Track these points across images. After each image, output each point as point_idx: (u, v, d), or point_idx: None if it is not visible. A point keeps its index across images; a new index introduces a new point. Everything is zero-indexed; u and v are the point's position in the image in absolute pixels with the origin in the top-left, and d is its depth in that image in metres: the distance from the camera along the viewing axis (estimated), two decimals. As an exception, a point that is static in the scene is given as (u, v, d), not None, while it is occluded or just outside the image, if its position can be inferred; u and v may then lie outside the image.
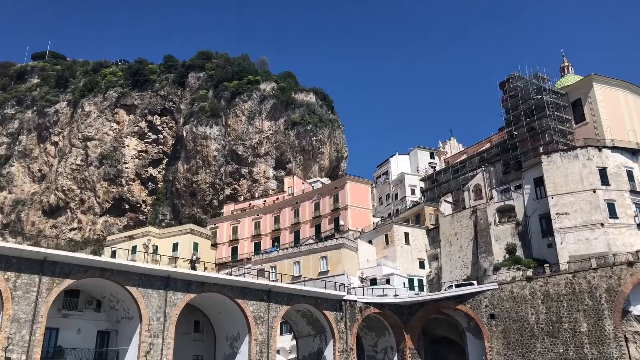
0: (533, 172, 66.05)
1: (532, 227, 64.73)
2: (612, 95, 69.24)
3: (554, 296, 53.75)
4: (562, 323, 52.48)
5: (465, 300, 57.81)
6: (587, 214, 59.90)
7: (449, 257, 70.83)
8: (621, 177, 62.10)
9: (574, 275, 53.63)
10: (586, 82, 69.97)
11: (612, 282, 51.75)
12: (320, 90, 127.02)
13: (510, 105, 73.31)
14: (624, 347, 49.60)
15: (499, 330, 55.48)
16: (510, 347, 54.35)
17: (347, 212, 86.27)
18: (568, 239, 59.37)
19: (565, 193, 61.53)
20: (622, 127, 66.84)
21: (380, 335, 61.76)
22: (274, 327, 50.58)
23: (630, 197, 61.16)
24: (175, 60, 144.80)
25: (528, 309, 54.64)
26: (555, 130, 68.12)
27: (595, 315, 51.25)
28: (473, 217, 69.82)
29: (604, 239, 58.17)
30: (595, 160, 62.39)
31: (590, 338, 50.72)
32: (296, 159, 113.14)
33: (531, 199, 65.77)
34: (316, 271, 71.13)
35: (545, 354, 52.27)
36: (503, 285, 57.02)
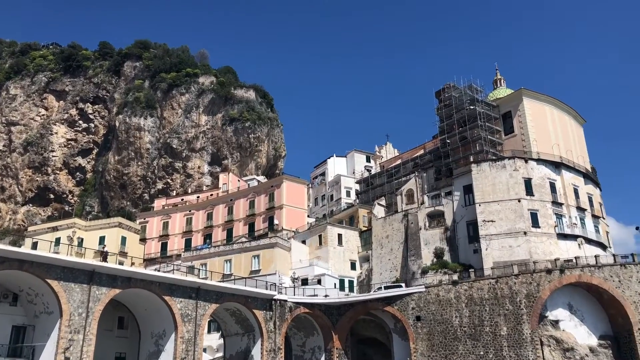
0: (463, 179, 68.27)
1: (460, 232, 66.90)
2: (540, 109, 72.61)
3: (478, 300, 55.70)
4: (483, 326, 54.46)
5: (394, 302, 58.93)
6: (512, 222, 62.54)
7: (380, 259, 72.06)
8: (544, 188, 65.27)
9: (497, 281, 55.81)
10: (516, 96, 73.03)
11: (532, 288, 54.23)
12: (261, 87, 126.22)
13: (445, 114, 75.48)
14: (539, 351, 52.10)
15: (424, 332, 56.89)
16: (434, 349, 55.85)
17: (282, 211, 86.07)
18: (493, 246, 61.76)
19: (492, 201, 64.01)
20: (547, 140, 70.21)
21: (309, 335, 61.94)
22: (201, 325, 49.66)
23: (552, 208, 64.39)
24: (111, 47, 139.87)
25: (453, 312, 56.34)
26: (485, 140, 70.69)
27: (515, 319, 53.52)
28: (404, 220, 71.37)
29: (526, 247, 60.94)
30: (521, 171, 65.26)
31: (509, 341, 52.92)
32: (233, 156, 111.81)
33: (460, 205, 67.95)
34: (248, 270, 70.51)
35: (466, 356, 54.07)
36: (430, 288, 58.53)
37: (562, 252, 61.26)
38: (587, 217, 67.72)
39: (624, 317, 53.76)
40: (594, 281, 54.31)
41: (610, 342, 54.73)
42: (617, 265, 55.70)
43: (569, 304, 55.60)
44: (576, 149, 73.97)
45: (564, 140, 72.35)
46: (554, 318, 54.79)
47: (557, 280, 54.25)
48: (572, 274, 54.63)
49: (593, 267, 55.04)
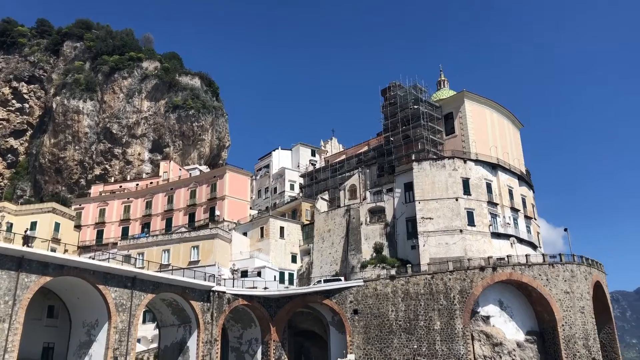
0: (404, 177, 69.67)
1: (399, 228, 68.30)
2: (480, 112, 74.95)
3: (414, 295, 57.07)
4: (418, 321, 55.88)
5: (332, 296, 59.55)
6: (449, 220, 64.38)
7: (321, 252, 72.57)
8: (481, 188, 67.51)
9: (433, 277, 57.36)
10: (458, 98, 75.07)
11: (465, 284, 56.06)
12: (207, 75, 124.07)
13: (390, 112, 76.69)
14: (470, 345, 53.99)
15: (360, 326, 57.79)
16: (369, 342, 56.86)
17: (224, 202, 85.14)
18: (430, 242, 63.42)
19: (431, 199, 65.66)
20: (486, 142, 72.59)
21: (246, 327, 61.73)
22: (136, 315, 48.56)
23: (487, 207, 66.70)
24: (49, 25, 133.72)
25: (389, 306, 57.50)
26: (427, 139, 72.34)
27: (448, 314, 55.21)
28: (346, 215, 72.15)
29: (462, 244, 62.90)
30: (460, 171, 67.22)
31: (442, 335, 54.56)
32: (175, 144, 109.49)
33: (401, 202, 69.33)
34: (186, 260, 69.44)
35: (400, 350, 55.37)
36: (368, 282, 59.48)
37: (496, 250, 63.63)
38: (520, 218, 70.56)
39: (550, 314, 56.49)
40: (523, 279, 56.71)
41: (536, 337, 57.43)
42: (545, 264, 58.35)
43: (500, 301, 57.85)
44: (513, 152, 76.86)
45: (501, 143, 74.99)
46: (485, 314, 56.88)
47: (489, 278, 56.30)
48: (504, 272, 56.82)
49: (523, 266, 57.45)
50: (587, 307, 58.31)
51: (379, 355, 56.05)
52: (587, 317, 57.74)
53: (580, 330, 56.46)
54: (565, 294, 57.15)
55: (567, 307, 56.69)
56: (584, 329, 56.74)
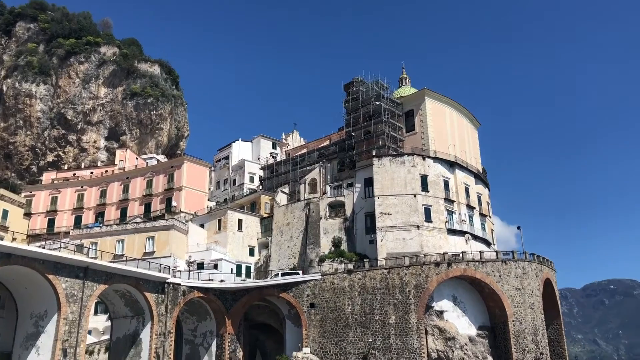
0: (365, 172, 70.05)
1: (358, 223, 68.69)
2: (440, 110, 76.01)
3: (370, 289, 57.50)
4: (374, 315, 56.36)
5: (289, 289, 59.44)
6: (407, 215, 65.13)
7: (279, 246, 72.33)
8: (439, 185, 68.53)
9: (389, 271, 57.92)
10: (419, 96, 75.91)
11: (421, 279, 56.83)
12: (166, 63, 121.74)
13: (352, 107, 76.95)
14: (423, 339, 54.80)
15: (317, 319, 57.89)
16: (325, 336, 57.04)
17: (181, 193, 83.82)
18: (388, 237, 64.01)
19: (390, 195, 66.25)
20: (444, 140, 73.70)
21: (201, 319, 61.01)
22: (87, 306, 47.26)
23: (444, 204, 67.78)
24: (1, 4, 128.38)
25: (346, 300, 57.79)
26: (388, 136, 72.92)
27: (403, 309, 55.87)
28: (306, 209, 72.09)
29: (419, 240, 63.76)
30: (419, 167, 68.04)
31: (397, 329, 55.20)
32: (132, 132, 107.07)
33: (360, 197, 69.72)
34: (141, 251, 68.09)
35: (356, 343, 55.75)
36: (326, 276, 59.61)
37: (451, 246, 64.75)
38: (476, 215, 72.00)
39: (501, 310, 57.87)
40: (477, 275, 57.90)
41: (487, 332, 58.75)
42: (498, 261, 59.70)
43: (454, 296, 58.91)
44: (470, 151, 78.30)
45: (459, 141, 76.28)
46: (439, 309, 57.82)
47: (444, 273, 57.24)
48: (458, 268, 57.87)
49: (477, 262, 58.63)
50: (537, 303, 60.00)
51: (334, 348, 56.31)
52: (536, 313, 59.43)
53: (530, 325, 58.08)
54: (517, 291, 58.65)
55: (518, 303, 58.20)
56: (533, 325, 58.38)
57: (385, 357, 54.44)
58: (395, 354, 54.25)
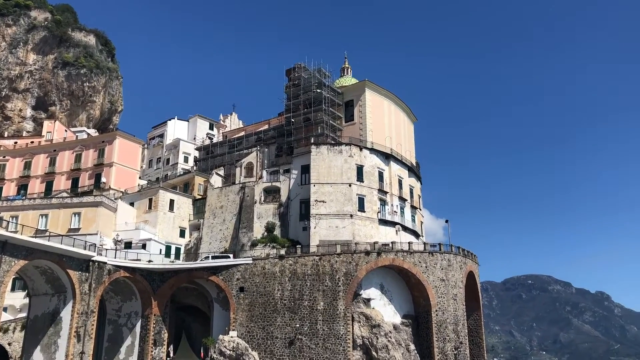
0: (302, 159, 70.21)
1: (293, 210, 68.88)
2: (379, 102, 77.09)
3: (301, 275, 57.92)
4: (303, 300, 56.86)
5: (219, 272, 58.98)
6: (341, 204, 65.92)
7: (211, 228, 71.46)
8: (374, 176, 69.70)
9: (321, 258, 58.52)
10: (360, 87, 76.63)
11: (351, 267, 57.78)
12: (102, 34, 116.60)
13: (292, 93, 76.69)
14: (350, 326, 55.88)
15: (245, 303, 57.81)
16: (253, 320, 57.08)
17: (111, 169, 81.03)
18: (321, 225, 64.60)
19: (326, 183, 66.79)
20: (382, 132, 74.89)
21: (126, 299, 59.57)
22: (4, 282, 45.12)
23: (377, 195, 69.06)
24: None
25: (276, 285, 57.96)
26: (327, 124, 73.29)
27: (332, 295, 56.67)
28: (241, 193, 71.50)
29: (351, 229, 64.72)
30: (355, 158, 68.90)
31: (324, 316, 55.97)
32: (62, 103, 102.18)
33: (296, 184, 69.86)
34: (66, 227, 65.48)
35: (283, 328, 56.13)
36: (257, 260, 59.52)
37: (382, 236, 66.15)
38: (407, 207, 73.82)
39: (426, 299, 59.82)
40: (405, 265, 59.49)
41: (411, 320, 60.65)
42: (426, 252, 61.57)
43: (381, 285, 60.33)
44: (405, 144, 79.97)
45: (396, 134, 77.73)
46: (366, 296, 59.06)
47: (373, 262, 58.42)
48: (387, 257, 59.23)
49: (406, 253, 60.22)
50: (459, 294, 62.38)
51: (262, 333, 56.48)
52: (458, 304, 61.81)
53: (452, 316, 60.38)
54: (441, 282, 60.74)
55: (441, 293, 60.31)
56: (455, 315, 60.72)
57: (311, 342, 55.14)
58: (322, 339, 55.05)
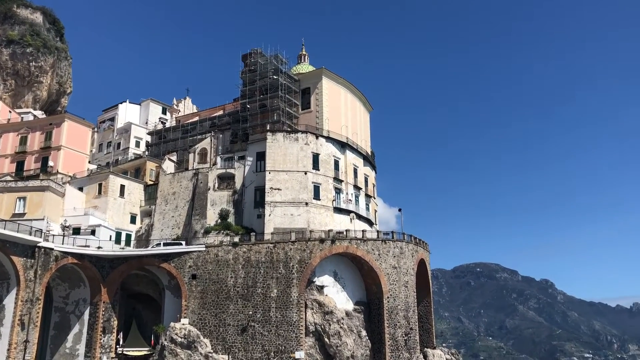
0: (257, 146, 69.72)
1: (247, 197, 68.43)
2: (336, 91, 77.17)
3: (254, 263, 57.77)
4: (256, 288, 56.78)
5: (171, 259, 58.18)
6: (297, 192, 65.91)
7: (163, 215, 70.25)
8: (329, 164, 69.93)
9: (275, 246, 58.48)
10: (317, 74, 76.44)
11: (305, 255, 57.98)
12: (51, 11, 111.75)
13: (248, 79, 75.81)
14: (302, 313, 56.20)
15: (197, 291, 57.27)
16: (205, 307, 56.64)
17: (59, 153, 78.22)
18: (276, 213, 64.46)
19: (281, 170, 66.60)
20: (338, 121, 75.07)
21: (74, 286, 58.08)
22: (-58, 269, 43.10)
23: (333, 184, 69.36)
24: None
25: (229, 272, 57.63)
26: (283, 111, 72.88)
27: (286, 282, 56.80)
28: (194, 179, 70.47)
29: (306, 217, 64.85)
30: (311, 146, 68.90)
31: (278, 303, 56.09)
32: (6, 83, 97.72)
33: (251, 171, 69.37)
34: (10, 212, 62.95)
35: (236, 315, 55.96)
36: (210, 248, 58.98)
37: (336, 224, 66.60)
38: (361, 196, 74.48)
39: (378, 286, 60.68)
40: (358, 253, 60.12)
41: (363, 307, 61.46)
42: (379, 240, 62.35)
43: (335, 272, 60.84)
44: (361, 133, 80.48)
45: (352, 123, 78.09)
46: (320, 284, 59.47)
47: (327, 250, 58.82)
48: (341, 245, 59.71)
49: (359, 241, 60.84)
50: (410, 281, 63.56)
51: (214, 320, 56.16)
52: (409, 291, 62.99)
53: (403, 302, 61.48)
54: (393, 269, 61.70)
55: (393, 280, 61.29)
56: (405, 302, 61.85)
57: (264, 329, 55.22)
58: (275, 326, 55.21)
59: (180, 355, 53.53)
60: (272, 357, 54.51)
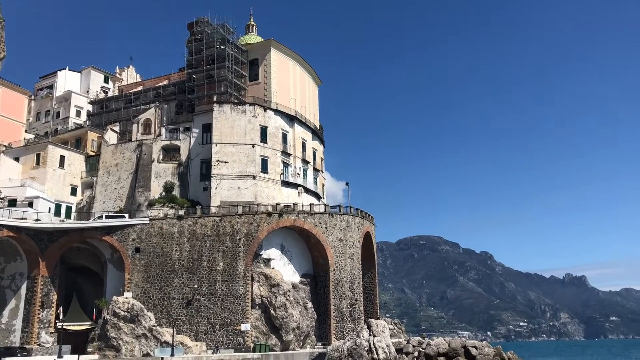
0: (204, 117, 68.41)
1: (193, 169, 67.32)
2: (285, 63, 76.28)
3: (200, 236, 57.20)
4: (202, 261, 56.36)
5: (114, 232, 56.86)
6: (244, 165, 65.33)
7: (105, 187, 68.31)
8: (277, 138, 69.49)
9: (221, 219, 58.01)
10: (265, 45, 75.23)
11: (252, 228, 57.84)
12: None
13: (195, 49, 73.77)
14: (249, 286, 56.33)
15: (141, 264, 56.35)
16: (149, 281, 55.86)
17: (-7, 121, 74.35)
18: (223, 186, 63.78)
19: (228, 143, 65.73)
20: (286, 94, 74.43)
21: (10, 260, 56.05)
22: None
23: (281, 157, 69.08)
24: None
25: (174, 245, 56.89)
26: (231, 82, 71.56)
27: (232, 256, 56.62)
28: (138, 151, 68.65)
29: (253, 190, 64.49)
30: (259, 118, 68.18)
31: (224, 276, 55.95)
32: None
33: (197, 143, 68.14)
34: (-62, 182, 59.73)
35: (181, 289, 55.50)
36: (154, 221, 57.95)
37: (284, 197, 66.57)
38: (309, 170, 74.60)
39: (324, 259, 61.38)
40: (305, 226, 60.46)
41: (309, 279, 62.14)
42: (326, 214, 62.84)
43: (282, 245, 61.04)
44: (310, 107, 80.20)
45: (300, 96, 77.63)
46: (267, 257, 59.59)
47: (275, 223, 58.84)
48: (289, 218, 59.85)
49: (307, 214, 61.15)
50: (356, 254, 64.59)
51: (158, 294, 55.53)
52: (355, 263, 64.02)
53: (348, 274, 62.49)
54: (340, 242, 62.47)
55: (339, 253, 62.10)
56: (351, 274, 62.89)
57: (209, 302, 55.06)
58: (220, 299, 55.14)
59: (124, 329, 52.76)
60: (218, 330, 54.59)
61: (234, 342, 54.27)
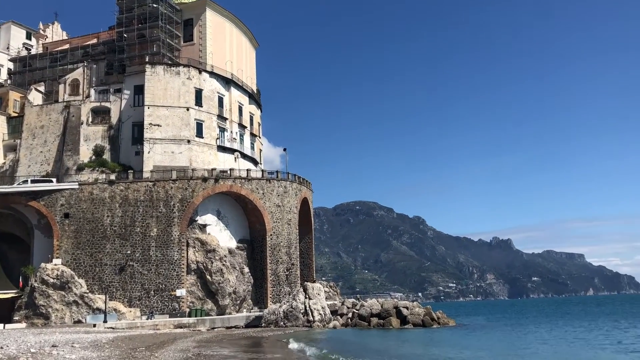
0: (135, 79, 65.93)
1: (125, 133, 65.09)
2: (221, 24, 74.16)
3: (132, 201, 55.81)
4: (135, 227, 55.16)
5: (40, 197, 54.58)
6: (178, 129, 63.73)
7: (30, 150, 65.05)
8: (213, 101, 68.04)
9: (155, 184, 56.75)
10: (200, 5, 72.63)
11: (187, 193, 56.95)
12: None
13: (125, 6, 70.30)
14: (184, 251, 55.81)
15: (71, 230, 54.54)
16: (79, 247, 54.26)
17: None
18: (156, 150, 62.10)
19: (162, 106, 63.79)
20: (222, 56, 72.60)
21: None
22: None
23: (217, 121, 67.83)
24: None
25: (105, 211, 55.28)
26: (164, 43, 68.97)
27: (167, 222, 55.71)
28: (65, 112, 65.56)
29: (188, 155, 63.20)
30: (194, 81, 66.38)
31: (158, 242, 55.10)
32: None
33: (129, 105, 65.74)
34: None
35: (113, 255, 54.29)
36: (84, 186, 56.01)
37: (220, 163, 65.69)
38: (246, 135, 73.74)
39: (262, 224, 61.49)
40: (242, 192, 60.12)
41: (246, 245, 62.29)
42: (263, 180, 62.67)
43: (218, 211, 60.57)
44: (247, 70, 78.72)
45: (237, 59, 75.96)
46: (202, 222, 59.03)
47: (210, 189, 58.16)
48: (225, 184, 59.30)
49: (244, 180, 60.77)
50: (293, 219, 65.01)
51: (89, 260, 54.13)
52: (292, 228, 64.50)
53: (285, 239, 62.96)
54: (277, 207, 62.62)
55: (277, 219, 62.32)
56: (288, 239, 63.39)
57: (143, 268, 54.27)
58: (155, 265, 54.45)
59: (53, 297, 51.27)
60: (152, 296, 54.00)
61: (169, 307, 53.93)
